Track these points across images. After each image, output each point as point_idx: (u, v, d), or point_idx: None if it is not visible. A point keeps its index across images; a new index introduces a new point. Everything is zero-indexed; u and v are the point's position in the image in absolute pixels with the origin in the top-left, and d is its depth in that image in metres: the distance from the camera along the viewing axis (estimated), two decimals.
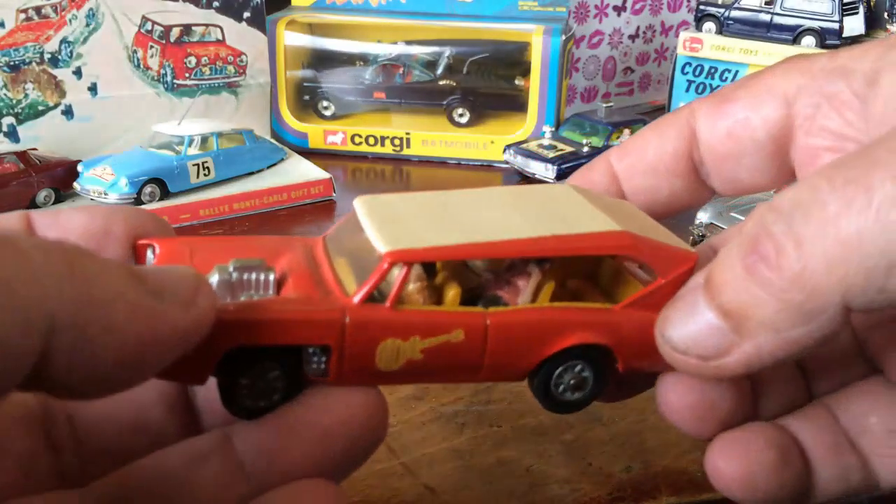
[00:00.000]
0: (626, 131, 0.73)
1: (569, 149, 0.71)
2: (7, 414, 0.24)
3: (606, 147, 0.70)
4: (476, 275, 0.28)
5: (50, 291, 0.17)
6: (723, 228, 0.53)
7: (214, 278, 0.24)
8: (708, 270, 0.23)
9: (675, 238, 0.29)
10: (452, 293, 0.26)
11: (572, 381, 0.27)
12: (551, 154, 0.70)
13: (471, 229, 0.26)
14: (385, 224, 0.26)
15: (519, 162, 0.71)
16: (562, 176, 0.68)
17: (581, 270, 0.30)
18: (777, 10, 0.77)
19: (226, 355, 0.23)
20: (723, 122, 0.29)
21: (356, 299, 0.24)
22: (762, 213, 0.22)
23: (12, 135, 0.64)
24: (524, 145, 0.73)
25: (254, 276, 0.25)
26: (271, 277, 0.25)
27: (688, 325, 0.24)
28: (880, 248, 0.19)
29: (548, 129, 0.73)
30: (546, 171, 0.69)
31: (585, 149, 0.70)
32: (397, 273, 0.24)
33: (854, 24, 0.76)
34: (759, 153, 0.28)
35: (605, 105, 0.74)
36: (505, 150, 0.73)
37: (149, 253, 0.27)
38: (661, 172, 0.30)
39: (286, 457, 0.23)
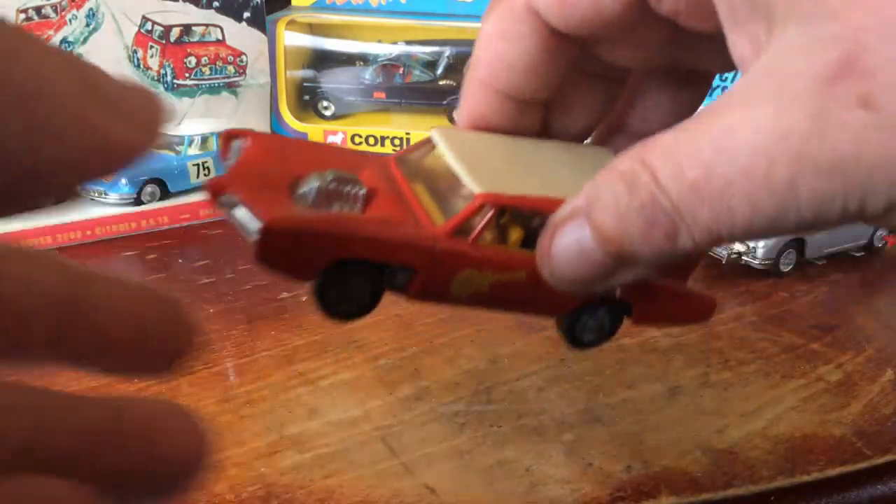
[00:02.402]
0: None
1: None
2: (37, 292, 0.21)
3: None
4: (531, 219, 0.30)
5: None
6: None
7: (315, 184, 0.26)
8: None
9: None
10: (516, 235, 0.28)
11: (593, 325, 0.31)
12: None
13: (548, 183, 0.29)
14: (471, 162, 0.28)
15: None
16: None
17: None
18: None
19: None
20: (572, 11, 0.27)
21: (447, 230, 0.27)
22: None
23: None
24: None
25: (347, 188, 0.27)
26: (361, 193, 0.27)
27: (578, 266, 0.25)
28: None
29: None
30: None
31: None
32: (483, 212, 0.27)
33: None
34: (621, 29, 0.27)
35: None
36: None
37: (236, 142, 0.28)
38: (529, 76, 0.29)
39: None
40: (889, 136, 0.19)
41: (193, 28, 0.72)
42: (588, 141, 0.33)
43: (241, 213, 0.25)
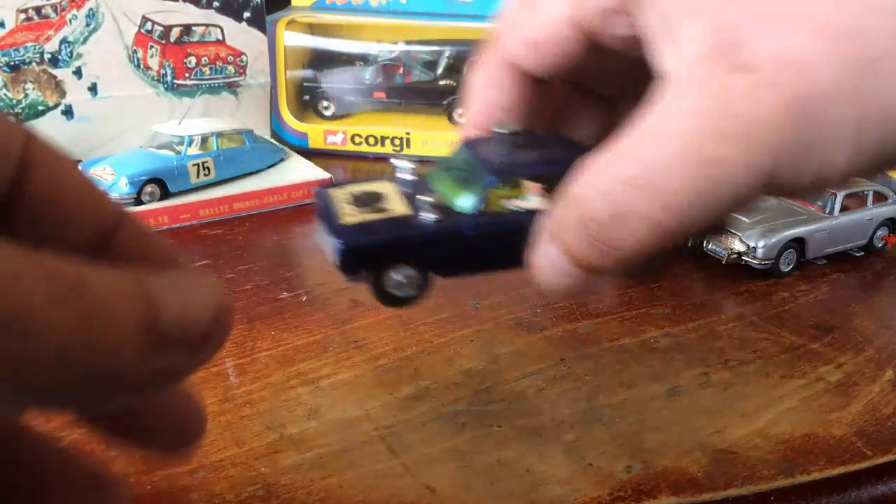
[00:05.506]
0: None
1: (399, 210, 0.30)
2: None
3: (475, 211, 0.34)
4: None
5: None
6: (725, 230, 0.53)
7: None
8: None
9: None
10: None
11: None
12: (353, 217, 0.29)
13: None
14: None
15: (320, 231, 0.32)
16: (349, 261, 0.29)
17: None
18: None
19: None
20: (543, 58, 0.29)
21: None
22: None
23: None
24: (331, 189, 0.32)
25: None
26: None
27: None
28: None
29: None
30: (330, 245, 0.29)
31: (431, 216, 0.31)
32: None
33: None
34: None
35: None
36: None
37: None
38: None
39: None
40: (766, 91, 0.21)
41: (193, 28, 0.72)
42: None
43: None
